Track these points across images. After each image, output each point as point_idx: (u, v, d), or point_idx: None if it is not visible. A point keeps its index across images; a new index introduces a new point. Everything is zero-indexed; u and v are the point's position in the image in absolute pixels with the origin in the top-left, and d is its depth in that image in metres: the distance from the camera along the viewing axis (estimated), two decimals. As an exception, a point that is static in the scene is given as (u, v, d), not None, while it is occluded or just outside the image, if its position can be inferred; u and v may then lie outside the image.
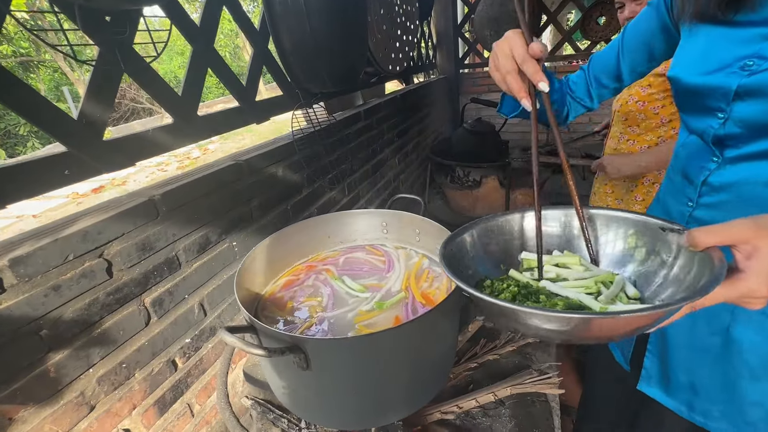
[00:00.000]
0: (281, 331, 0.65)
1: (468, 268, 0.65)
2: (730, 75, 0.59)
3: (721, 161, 0.64)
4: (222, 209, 1.06)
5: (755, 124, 0.58)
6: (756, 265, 0.42)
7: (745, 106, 0.58)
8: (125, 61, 0.90)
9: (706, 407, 0.72)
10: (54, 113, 0.79)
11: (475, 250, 0.67)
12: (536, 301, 0.57)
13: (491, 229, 0.69)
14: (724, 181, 0.64)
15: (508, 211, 0.68)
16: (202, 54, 1.11)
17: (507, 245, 0.69)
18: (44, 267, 0.69)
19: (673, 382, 0.76)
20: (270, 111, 1.39)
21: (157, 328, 0.91)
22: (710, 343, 0.69)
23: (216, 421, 1.09)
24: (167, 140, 1.02)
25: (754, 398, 0.66)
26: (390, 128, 2.12)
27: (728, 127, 0.61)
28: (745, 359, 0.65)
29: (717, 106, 0.61)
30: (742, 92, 0.58)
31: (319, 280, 0.98)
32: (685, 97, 0.68)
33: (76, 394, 0.75)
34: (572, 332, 0.44)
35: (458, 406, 0.95)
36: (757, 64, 0.56)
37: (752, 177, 0.60)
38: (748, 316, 0.63)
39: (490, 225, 0.69)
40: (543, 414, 0.93)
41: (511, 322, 0.49)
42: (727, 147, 0.63)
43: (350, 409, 0.75)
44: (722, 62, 0.60)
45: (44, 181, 0.78)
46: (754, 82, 0.56)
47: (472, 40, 3.28)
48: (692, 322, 0.71)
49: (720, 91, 0.60)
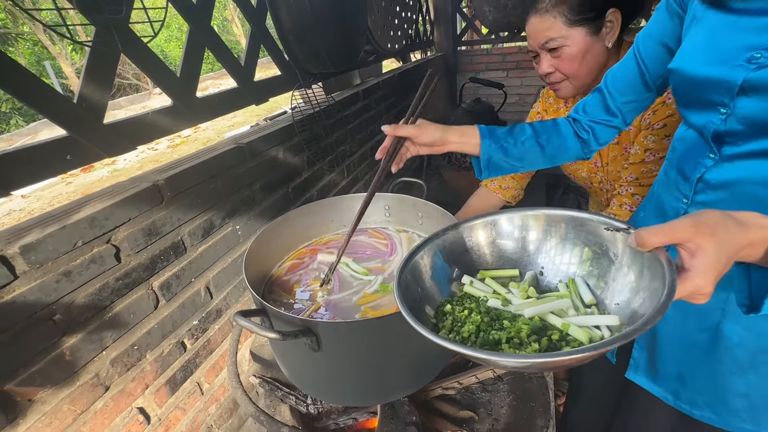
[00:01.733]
0: (293, 315, 0.67)
1: (427, 290, 0.62)
2: (736, 68, 0.55)
3: (718, 158, 0.61)
4: (225, 193, 1.06)
5: (758, 121, 0.55)
6: (700, 263, 0.43)
7: (749, 102, 0.55)
8: (122, 42, 0.87)
9: (692, 396, 0.74)
10: (53, 97, 0.77)
11: (431, 270, 0.64)
12: (500, 328, 0.55)
13: (443, 246, 0.67)
14: (721, 179, 0.62)
15: (456, 223, 0.68)
16: (199, 33, 1.08)
17: (461, 258, 0.68)
18: (54, 253, 0.69)
19: (661, 373, 0.78)
20: (269, 91, 1.36)
21: (166, 311, 0.92)
22: (699, 339, 0.70)
23: (224, 398, 1.13)
24: (167, 123, 1.01)
25: (739, 390, 0.68)
26: (388, 108, 2.09)
27: (730, 124, 0.58)
28: (734, 354, 0.66)
29: (720, 101, 0.58)
30: (748, 87, 0.54)
31: (324, 263, 1.00)
32: (686, 90, 0.64)
33: (91, 375, 0.77)
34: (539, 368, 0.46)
35: (459, 382, 1.00)
36: (765, 57, 0.53)
37: (750, 176, 0.58)
38: (738, 313, 0.63)
39: (440, 242, 0.66)
40: (539, 389, 0.98)
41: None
42: (726, 144, 0.60)
43: (358, 387, 0.79)
44: (728, 53, 0.57)
45: (47, 167, 0.77)
46: (761, 76, 0.53)
47: (471, 15, 3.20)
48: (683, 318, 0.72)
49: (724, 84, 0.57)
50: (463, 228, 0.67)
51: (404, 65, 2.57)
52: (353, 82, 1.98)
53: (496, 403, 0.97)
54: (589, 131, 0.86)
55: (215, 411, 1.10)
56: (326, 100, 1.50)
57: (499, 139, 0.83)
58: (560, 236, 0.63)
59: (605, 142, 0.87)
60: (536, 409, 0.93)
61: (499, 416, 0.94)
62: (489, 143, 0.82)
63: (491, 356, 0.43)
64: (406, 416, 0.79)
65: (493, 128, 0.84)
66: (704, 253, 0.43)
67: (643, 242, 0.46)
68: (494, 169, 0.85)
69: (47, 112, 0.76)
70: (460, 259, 0.67)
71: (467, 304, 0.60)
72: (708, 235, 0.43)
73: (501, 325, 0.56)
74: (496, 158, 0.83)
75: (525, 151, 0.84)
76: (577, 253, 0.61)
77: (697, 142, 0.66)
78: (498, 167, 0.84)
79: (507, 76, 3.27)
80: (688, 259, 0.44)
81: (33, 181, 0.76)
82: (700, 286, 0.43)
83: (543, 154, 0.85)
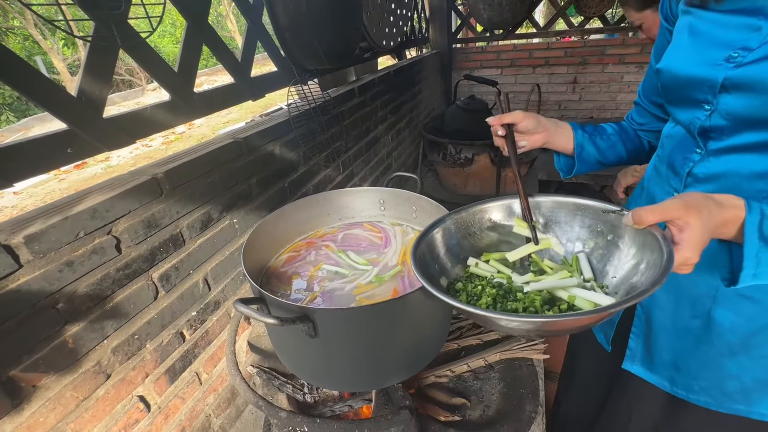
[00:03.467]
0: (290, 303, 0.69)
1: (441, 266, 0.70)
2: (716, 67, 0.58)
3: (705, 153, 0.65)
4: (222, 187, 1.08)
5: (740, 116, 0.58)
6: (689, 236, 0.49)
7: (731, 99, 0.58)
8: (121, 36, 0.89)
9: (688, 382, 0.77)
10: (54, 90, 0.78)
11: (445, 247, 0.71)
12: (514, 299, 0.62)
13: (459, 223, 0.74)
14: (709, 173, 0.65)
15: (476, 202, 0.75)
16: (197, 29, 1.10)
17: (470, 237, 0.75)
18: (57, 244, 0.71)
19: (657, 361, 0.81)
20: (265, 87, 1.38)
21: (165, 302, 0.94)
22: (692, 325, 0.73)
23: (223, 388, 1.15)
24: (166, 117, 1.02)
25: (731, 372, 0.71)
26: (383, 105, 2.11)
27: (714, 119, 0.61)
28: (725, 338, 0.70)
29: (704, 98, 0.61)
30: (729, 85, 0.57)
31: (321, 255, 1.02)
32: (673, 88, 0.68)
33: (93, 363, 0.79)
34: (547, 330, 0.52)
35: (451, 370, 1.03)
36: (742, 56, 0.56)
37: (735, 169, 0.61)
38: (728, 299, 0.68)
39: (457, 218, 0.74)
40: (529, 377, 1.02)
41: (489, 324, 0.56)
42: (711, 139, 0.63)
43: (353, 373, 0.81)
44: (709, 53, 0.60)
45: (48, 159, 0.79)
46: (740, 74, 0.56)
47: (466, 13, 3.22)
48: (676, 306, 0.75)
49: (707, 83, 0.60)
50: (477, 209, 0.74)
51: (400, 62, 2.59)
52: (349, 79, 2.00)
53: (488, 391, 1.00)
54: (641, 140, 0.92)
55: (213, 401, 1.12)
56: (322, 97, 1.52)
57: (588, 132, 0.89)
58: (566, 219, 0.70)
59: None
60: (525, 395, 0.96)
61: (490, 403, 0.97)
62: (582, 134, 0.87)
63: (517, 317, 0.49)
64: (400, 401, 0.82)
65: (579, 124, 0.90)
66: (692, 229, 0.49)
67: (641, 220, 0.52)
68: (583, 161, 0.89)
69: (48, 106, 0.78)
70: (469, 239, 0.74)
71: (477, 281, 0.67)
72: (695, 213, 0.49)
73: (515, 297, 0.62)
74: (588, 149, 0.88)
75: (612, 145, 0.90)
76: (583, 233, 0.68)
77: (684, 138, 0.69)
78: (586, 160, 0.89)
79: (501, 73, 3.30)
80: (677, 233, 0.50)
81: (35, 173, 0.77)
82: (688, 256, 0.49)
83: (626, 150, 0.91)
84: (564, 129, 0.87)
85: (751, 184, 0.60)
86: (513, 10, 2.88)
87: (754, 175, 0.59)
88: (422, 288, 0.57)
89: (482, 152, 2.44)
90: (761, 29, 0.55)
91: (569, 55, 3.06)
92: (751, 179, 0.60)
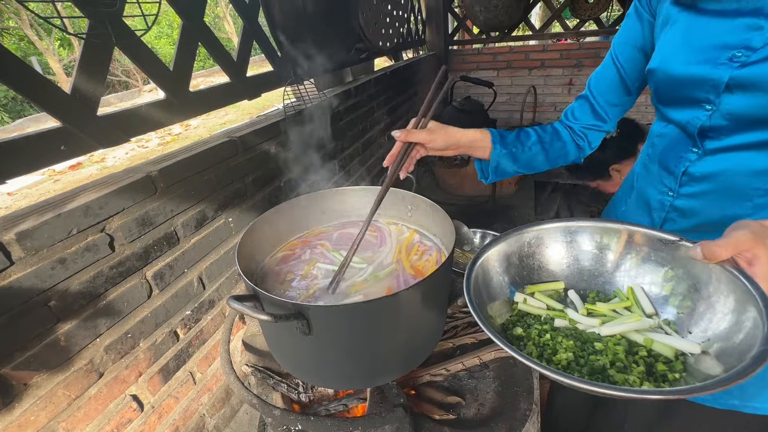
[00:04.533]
0: (284, 300, 0.69)
1: (491, 292, 0.62)
2: (719, 66, 0.58)
3: (701, 152, 0.65)
4: (217, 186, 1.08)
5: (743, 117, 0.58)
6: (759, 270, 0.47)
7: (734, 99, 0.58)
8: (116, 35, 0.89)
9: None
10: (47, 87, 0.78)
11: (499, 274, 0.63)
12: (594, 351, 0.54)
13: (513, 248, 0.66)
14: (706, 172, 0.65)
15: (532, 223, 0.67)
16: (192, 28, 1.10)
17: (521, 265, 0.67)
18: (50, 240, 0.71)
19: None
20: (261, 87, 1.38)
21: (159, 301, 0.94)
22: None
23: (217, 388, 1.15)
24: (161, 116, 1.02)
25: None
26: (380, 105, 2.12)
27: (714, 119, 0.61)
28: None
29: (705, 98, 0.61)
30: (733, 84, 0.57)
31: (316, 254, 1.02)
32: (668, 88, 0.68)
33: (86, 361, 0.79)
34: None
35: (446, 369, 1.03)
36: (746, 56, 0.56)
37: (733, 168, 0.61)
38: None
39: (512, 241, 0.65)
40: (523, 375, 1.02)
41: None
42: (708, 138, 0.64)
43: (348, 371, 0.81)
44: (708, 52, 0.60)
45: (42, 156, 0.78)
46: (746, 74, 0.56)
47: (462, 15, 3.24)
48: None
49: (709, 82, 0.60)
50: (537, 231, 0.67)
51: (396, 63, 2.60)
52: (345, 80, 2.00)
53: (482, 389, 1.00)
54: (584, 138, 0.90)
55: (208, 400, 1.12)
56: (318, 97, 1.52)
57: (509, 144, 0.87)
58: (637, 253, 0.61)
59: (596, 146, 0.91)
60: (520, 393, 0.96)
61: (485, 401, 0.97)
62: (500, 150, 0.85)
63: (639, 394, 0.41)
64: (395, 398, 0.82)
65: (503, 133, 0.88)
66: (761, 262, 0.46)
67: (713, 255, 0.49)
68: (500, 173, 0.89)
69: (41, 103, 0.78)
70: (520, 266, 0.66)
71: (535, 324, 0.59)
72: (762, 244, 0.46)
73: (593, 348, 0.55)
74: (504, 164, 0.87)
75: (532, 156, 0.88)
76: (658, 273, 0.59)
77: (678, 137, 0.69)
78: (503, 173, 0.88)
79: (497, 75, 3.32)
80: (746, 267, 0.48)
81: (27, 170, 0.77)
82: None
83: (547, 158, 0.89)
84: (482, 143, 0.85)
85: (748, 182, 0.61)
86: (509, 12, 2.90)
87: (750, 173, 0.60)
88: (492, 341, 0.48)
89: (478, 153, 2.44)
90: (763, 29, 0.55)
91: (565, 57, 3.08)
92: (747, 177, 0.60)
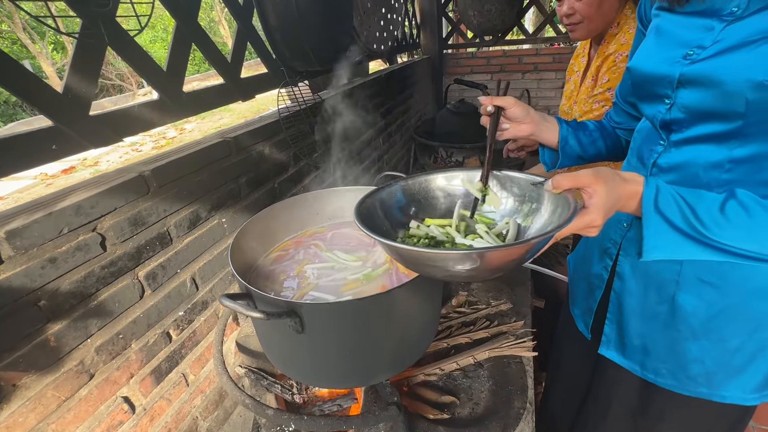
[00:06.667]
0: (277, 298, 0.69)
1: (382, 225, 0.76)
2: (674, 64, 0.64)
3: (667, 144, 0.69)
4: (211, 186, 1.07)
5: (695, 109, 0.63)
6: (595, 201, 0.57)
7: (687, 93, 0.63)
8: (109, 35, 0.89)
9: (656, 366, 0.80)
10: (38, 86, 0.78)
11: (384, 211, 0.78)
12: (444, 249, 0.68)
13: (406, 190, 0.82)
14: (671, 163, 0.69)
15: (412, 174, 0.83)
16: (186, 29, 1.10)
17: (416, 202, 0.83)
18: (40, 239, 0.70)
19: (629, 346, 0.84)
20: (255, 88, 1.38)
21: (151, 301, 0.93)
22: (659, 310, 0.76)
23: (210, 390, 1.14)
24: (154, 116, 1.02)
25: (694, 355, 0.74)
26: (374, 108, 2.13)
27: (673, 113, 0.66)
28: (688, 322, 0.73)
29: (664, 93, 0.66)
30: (684, 80, 0.62)
31: (310, 254, 1.02)
32: (639, 85, 0.73)
33: (76, 362, 0.78)
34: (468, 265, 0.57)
35: (440, 368, 1.03)
36: (696, 54, 0.61)
37: (694, 159, 0.65)
38: (690, 284, 0.71)
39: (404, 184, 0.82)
40: (518, 374, 1.02)
41: (420, 266, 0.63)
42: (672, 131, 0.68)
43: (341, 370, 0.81)
44: (670, 51, 0.65)
45: (32, 156, 0.78)
46: (693, 71, 0.61)
47: (456, 20, 3.27)
48: (644, 292, 0.78)
49: (666, 79, 0.65)
50: (423, 178, 0.83)
51: (391, 66, 2.61)
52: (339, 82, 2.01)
53: (477, 388, 1.00)
54: (622, 138, 0.95)
55: (201, 402, 1.11)
56: (313, 99, 1.53)
57: (573, 127, 0.93)
58: (500, 188, 0.79)
59: None
60: (514, 392, 0.97)
61: (479, 400, 0.97)
62: (566, 128, 0.92)
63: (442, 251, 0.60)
64: (388, 397, 0.82)
65: (561, 119, 0.94)
66: (598, 195, 0.57)
67: (558, 185, 0.60)
68: (566, 155, 0.93)
69: (32, 101, 0.77)
70: (415, 204, 0.82)
71: (414, 239, 0.74)
72: (602, 182, 0.57)
73: (444, 247, 0.70)
74: (571, 143, 0.92)
75: (593, 141, 0.94)
76: (511, 201, 0.78)
77: (650, 131, 0.74)
78: (569, 154, 0.93)
79: (491, 78, 3.34)
80: (587, 199, 0.58)
81: (17, 169, 0.76)
82: (594, 218, 0.57)
83: (605, 146, 0.95)
84: (550, 123, 0.91)
85: (708, 174, 0.64)
86: (502, 16, 2.93)
87: (709, 165, 0.63)
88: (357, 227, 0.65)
89: (472, 155, 2.46)
90: (713, 29, 0.60)
91: (557, 61, 3.12)
92: (707, 169, 0.64)
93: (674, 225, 0.59)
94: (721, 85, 0.57)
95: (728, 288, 0.68)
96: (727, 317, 0.70)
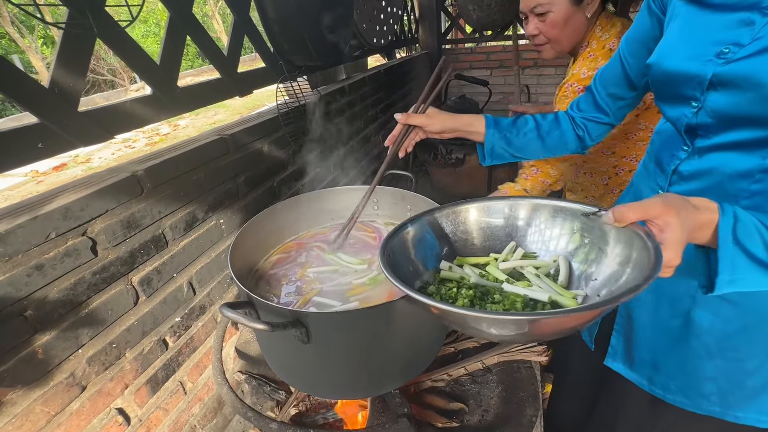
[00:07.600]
0: (282, 307, 0.65)
1: (414, 269, 0.64)
2: (706, 63, 0.57)
3: (691, 150, 0.64)
4: (208, 186, 1.03)
5: (727, 115, 0.57)
6: (670, 236, 0.47)
7: (718, 96, 0.57)
8: (98, 25, 0.83)
9: (665, 381, 0.76)
10: (24, 81, 0.73)
11: (417, 249, 0.66)
12: (493, 301, 0.57)
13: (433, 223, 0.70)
14: (694, 170, 0.64)
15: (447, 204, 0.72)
16: (180, 20, 1.05)
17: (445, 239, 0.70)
18: (25, 245, 0.65)
19: (637, 359, 0.80)
20: (252, 83, 1.33)
21: (146, 308, 0.89)
22: (672, 325, 0.73)
23: (209, 397, 1.09)
24: (147, 112, 0.97)
25: (708, 374, 0.70)
26: (374, 104, 2.08)
27: (701, 117, 0.60)
28: (703, 339, 0.69)
29: (691, 95, 0.60)
30: (716, 82, 0.56)
31: (312, 256, 0.98)
32: (662, 84, 0.67)
33: (66, 375, 0.73)
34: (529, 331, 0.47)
35: (448, 374, 1.00)
36: (733, 52, 0.54)
37: (719, 168, 0.60)
38: (707, 301, 0.66)
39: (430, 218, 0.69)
40: (528, 379, 0.99)
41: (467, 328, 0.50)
42: (698, 137, 0.62)
43: (348, 380, 0.77)
44: (700, 48, 0.59)
45: (17, 154, 0.73)
46: (729, 71, 0.54)
47: (455, 14, 3.22)
48: (656, 305, 0.74)
49: (696, 79, 0.59)
50: (454, 209, 0.70)
51: (390, 62, 2.56)
52: (339, 77, 1.96)
53: (486, 395, 0.97)
54: (584, 128, 0.90)
55: (199, 411, 1.07)
56: (312, 94, 1.48)
57: (503, 129, 0.89)
58: (547, 223, 0.66)
59: (598, 138, 0.92)
60: (525, 398, 0.93)
61: (489, 407, 0.94)
62: (493, 133, 0.88)
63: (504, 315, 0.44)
64: (398, 408, 0.78)
65: (498, 119, 0.90)
66: (672, 229, 0.47)
67: (622, 217, 0.51)
68: (496, 157, 0.91)
69: (16, 97, 0.72)
70: (445, 241, 0.70)
71: (451, 286, 0.61)
72: (674, 213, 0.48)
73: (493, 299, 0.57)
74: (498, 147, 0.90)
75: (527, 142, 0.90)
76: (564, 236, 0.64)
77: (672, 135, 0.68)
78: (500, 156, 0.91)
79: (491, 74, 3.30)
80: (658, 233, 0.48)
81: (3, 168, 0.71)
82: (671, 257, 0.47)
83: (543, 146, 0.91)
84: (477, 128, 0.89)
85: (734, 184, 0.59)
86: (502, 11, 2.88)
87: (737, 174, 0.59)
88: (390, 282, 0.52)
89: (473, 152, 2.42)
90: (754, 24, 0.54)
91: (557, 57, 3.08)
92: (734, 178, 0.59)
93: (756, 258, 0.50)
94: (762, 87, 0.51)
95: (748, 306, 0.64)
96: (746, 337, 0.66)
